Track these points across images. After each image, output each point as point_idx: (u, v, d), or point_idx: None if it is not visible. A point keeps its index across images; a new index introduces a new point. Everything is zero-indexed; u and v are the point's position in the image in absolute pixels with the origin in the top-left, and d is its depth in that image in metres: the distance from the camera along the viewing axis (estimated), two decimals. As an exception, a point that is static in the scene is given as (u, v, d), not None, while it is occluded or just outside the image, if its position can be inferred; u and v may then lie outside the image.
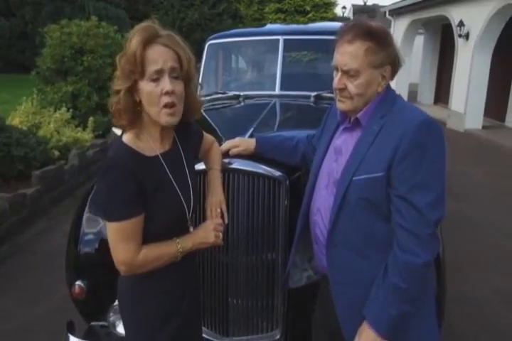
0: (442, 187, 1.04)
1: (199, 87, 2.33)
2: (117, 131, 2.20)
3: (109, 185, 1.07)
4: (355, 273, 1.11)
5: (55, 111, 5.88)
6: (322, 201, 1.18)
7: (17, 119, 5.41)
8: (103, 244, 1.69)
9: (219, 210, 1.25)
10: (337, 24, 3.72)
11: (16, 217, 3.73)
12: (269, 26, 3.12)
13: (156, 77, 1.06)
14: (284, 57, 2.52)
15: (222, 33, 2.90)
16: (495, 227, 4.05)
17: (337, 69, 1.11)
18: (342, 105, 1.13)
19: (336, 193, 1.11)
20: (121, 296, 1.25)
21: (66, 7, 13.18)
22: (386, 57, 1.08)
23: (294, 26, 3.10)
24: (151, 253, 1.11)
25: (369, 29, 1.08)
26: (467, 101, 9.08)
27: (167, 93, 1.06)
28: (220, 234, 1.21)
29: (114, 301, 1.61)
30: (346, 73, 1.09)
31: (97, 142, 5.83)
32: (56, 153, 4.91)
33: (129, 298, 1.22)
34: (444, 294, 1.39)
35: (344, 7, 21.58)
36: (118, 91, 1.09)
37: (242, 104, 2.46)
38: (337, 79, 1.11)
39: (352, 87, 1.09)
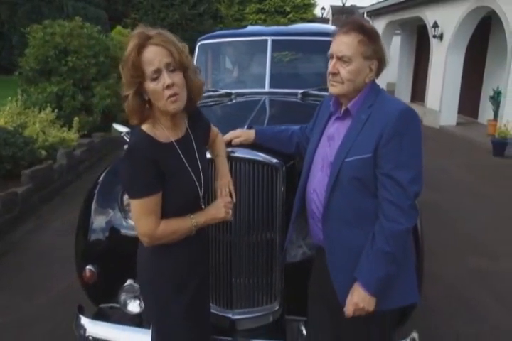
0: (420, 166, 1.22)
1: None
2: (118, 127, 2.33)
3: (130, 167, 1.23)
4: (348, 242, 1.28)
5: (40, 111, 5.88)
6: (318, 181, 1.34)
7: (1, 120, 5.40)
8: (113, 231, 1.82)
9: (228, 190, 1.42)
10: (321, 26, 3.91)
11: (9, 216, 3.77)
12: (256, 27, 3.28)
13: (156, 76, 1.20)
14: (272, 56, 2.69)
15: (212, 34, 3.05)
16: (466, 214, 4.34)
17: (332, 57, 1.29)
18: (334, 89, 1.30)
19: (330, 174, 1.28)
20: (140, 269, 1.40)
21: (43, 7, 12.95)
22: (375, 51, 1.27)
23: (281, 27, 3.27)
24: (169, 227, 1.27)
25: (362, 25, 1.27)
26: (442, 99, 9.47)
27: (168, 86, 1.20)
28: (230, 211, 1.37)
29: (125, 282, 1.73)
30: (340, 59, 1.26)
31: (83, 141, 5.87)
32: (43, 153, 4.94)
33: (148, 269, 1.37)
34: (422, 260, 1.58)
35: (323, 8, 21.96)
36: (127, 96, 1.23)
37: (234, 101, 2.61)
38: (331, 64, 1.29)
39: (344, 72, 1.26)
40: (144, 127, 1.28)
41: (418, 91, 12.31)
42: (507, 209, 4.55)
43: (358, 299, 1.22)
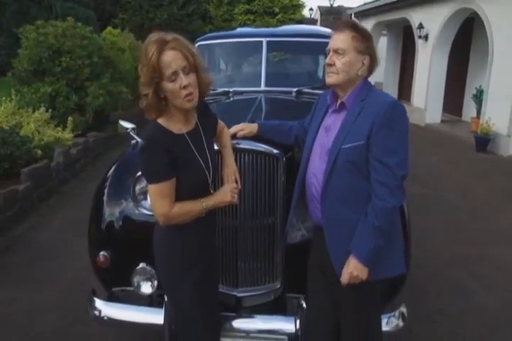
0: (407, 152, 1.39)
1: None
2: (124, 124, 2.46)
3: (148, 156, 1.39)
4: (343, 220, 1.44)
5: (34, 111, 5.94)
6: (316, 167, 1.51)
7: (-3, 119, 5.45)
8: (126, 220, 1.96)
9: (233, 177, 1.58)
10: (312, 27, 4.09)
11: (10, 213, 3.86)
12: (252, 29, 3.43)
13: (174, 78, 1.35)
14: (267, 56, 2.85)
15: (209, 35, 3.20)
16: (452, 206, 4.58)
17: (329, 51, 1.47)
18: (330, 79, 1.47)
19: (328, 159, 1.44)
20: (155, 247, 1.56)
21: (32, 7, 12.87)
22: (366, 48, 1.45)
23: (275, 29, 3.43)
24: (182, 208, 1.43)
25: (356, 24, 1.47)
26: (427, 98, 9.76)
27: (185, 87, 1.36)
28: (236, 195, 1.54)
29: (137, 265, 1.87)
30: (336, 52, 1.44)
31: (79, 141, 5.96)
32: (39, 152, 5.01)
33: (161, 247, 1.54)
34: (409, 238, 1.75)
35: (311, 9, 22.22)
36: (146, 94, 1.37)
37: (232, 99, 2.76)
38: (329, 57, 1.47)
39: (339, 63, 1.44)
40: (160, 120, 1.44)
41: (404, 90, 12.60)
42: (489, 201, 4.79)
43: (353, 268, 1.39)
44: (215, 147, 1.66)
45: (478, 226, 4.06)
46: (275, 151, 1.73)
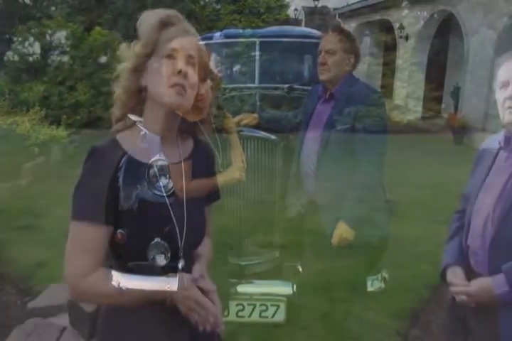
0: (386, 132, 1.68)
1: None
2: (132, 117, 2.68)
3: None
4: (334, 191, 1.70)
5: (28, 110, 6.08)
6: (310, 148, 1.79)
7: (-6, 118, 5.58)
8: (141, 203, 2.18)
9: (240, 157, 1.82)
10: (302, 29, 4.35)
11: (15, 205, 4.03)
12: (242, 30, 3.69)
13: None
14: (260, 55, 3.12)
15: (206, 36, 3.44)
16: (431, 191, 4.95)
17: (321, 52, 1.76)
18: (323, 76, 1.76)
19: (321, 141, 1.73)
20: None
21: (17, 7, 12.80)
22: (351, 48, 1.74)
23: (266, 30, 3.71)
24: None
25: (342, 28, 1.80)
26: (408, 95, 10.19)
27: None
28: (243, 173, 1.78)
29: (153, 240, 2.10)
30: (327, 52, 1.73)
31: (74, 138, 6.11)
32: (36, 149, 5.18)
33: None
34: (389, 205, 2.05)
35: (296, 9, 22.51)
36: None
37: (229, 94, 3.01)
38: (321, 57, 1.76)
39: (330, 61, 1.73)
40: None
41: (387, 88, 13.00)
42: (461, 186, 5.16)
43: (342, 231, 1.67)
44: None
45: (447, 207, 4.40)
46: (273, 137, 2.01)
